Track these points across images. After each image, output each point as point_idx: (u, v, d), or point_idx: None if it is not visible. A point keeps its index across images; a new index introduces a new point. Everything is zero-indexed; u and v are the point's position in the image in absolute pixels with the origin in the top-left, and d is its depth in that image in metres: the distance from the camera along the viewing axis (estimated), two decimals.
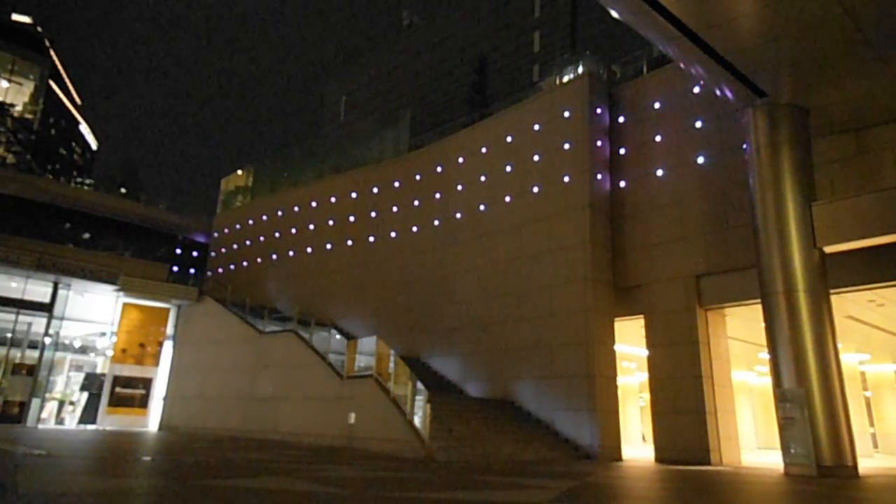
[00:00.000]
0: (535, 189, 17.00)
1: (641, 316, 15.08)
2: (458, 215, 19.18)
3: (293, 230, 25.64)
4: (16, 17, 59.22)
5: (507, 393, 16.19)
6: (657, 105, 15.88)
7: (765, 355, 13.07)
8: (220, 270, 28.71)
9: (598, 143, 16.31)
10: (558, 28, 61.95)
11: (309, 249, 24.63)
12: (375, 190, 22.67)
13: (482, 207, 18.47)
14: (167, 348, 24.59)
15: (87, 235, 29.79)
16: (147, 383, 24.15)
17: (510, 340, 16.52)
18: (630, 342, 17.15)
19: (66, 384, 24.22)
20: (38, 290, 22.65)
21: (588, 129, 16.14)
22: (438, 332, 18.67)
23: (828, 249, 11.20)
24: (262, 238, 27.08)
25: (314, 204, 25.03)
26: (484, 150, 18.98)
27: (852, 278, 11.95)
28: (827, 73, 10.91)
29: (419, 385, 14.05)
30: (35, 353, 22.45)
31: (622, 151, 16.36)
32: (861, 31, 9.69)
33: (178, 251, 32.80)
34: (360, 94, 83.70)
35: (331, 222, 24.04)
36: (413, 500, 5.32)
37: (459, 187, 19.43)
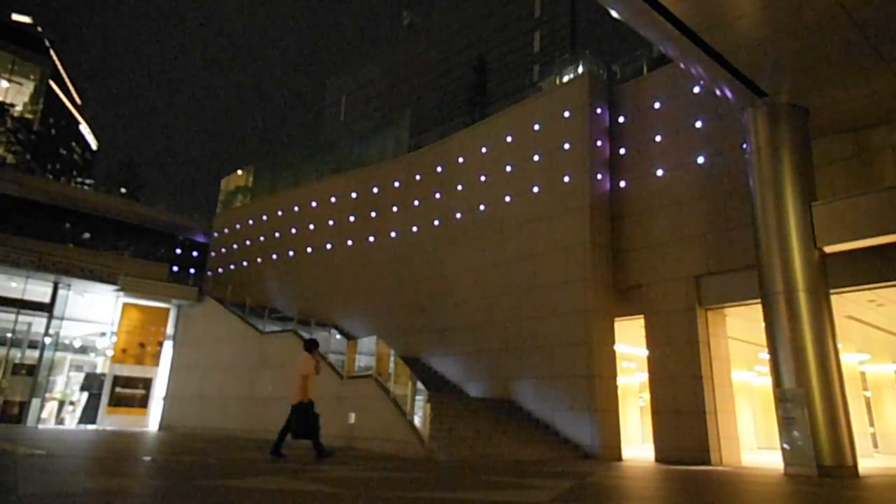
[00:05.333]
0: (536, 189, 17.00)
1: (641, 316, 15.07)
2: (458, 215, 19.18)
3: (293, 230, 25.64)
4: (16, 17, 59.30)
5: (507, 393, 16.19)
6: (657, 105, 15.88)
7: (765, 355, 13.07)
8: (220, 270, 28.71)
9: (598, 143, 16.31)
10: (558, 28, 61.99)
11: (309, 249, 24.63)
12: (375, 190, 22.68)
13: (482, 207, 18.46)
14: (167, 348, 24.61)
15: (87, 235, 29.78)
16: (147, 383, 24.18)
17: (510, 340, 16.52)
18: (630, 342, 17.15)
19: (66, 384, 24.22)
20: (38, 290, 22.67)
21: (588, 129, 16.14)
22: (438, 332, 18.67)
23: (828, 249, 11.19)
24: (262, 238, 27.08)
25: (314, 204, 25.03)
26: (484, 150, 18.98)
27: (852, 278, 11.95)
28: (827, 73, 10.91)
29: (419, 385, 14.04)
30: (35, 353, 22.46)
31: (622, 151, 16.36)
32: (861, 31, 9.70)
33: (178, 251, 32.82)
34: (360, 94, 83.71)
35: (331, 222, 24.04)
36: (413, 500, 5.31)
37: (459, 187, 19.44)
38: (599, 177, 16.07)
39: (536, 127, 17.49)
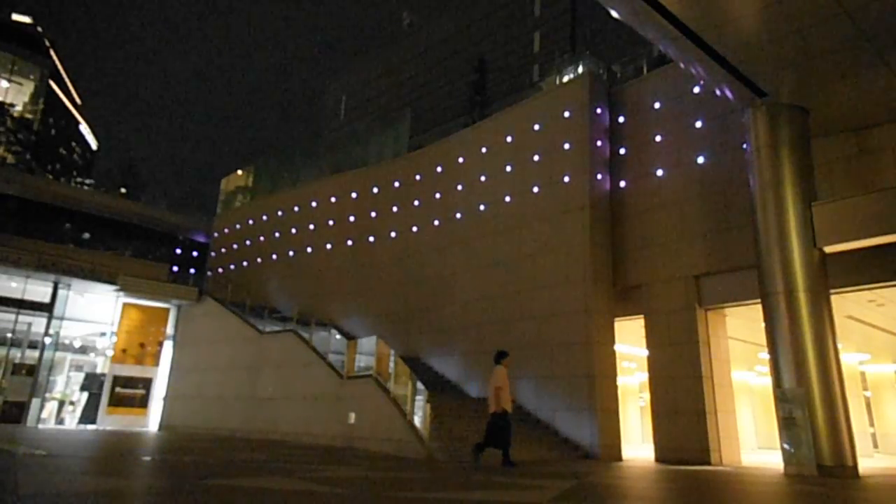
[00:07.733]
0: (535, 189, 17.00)
1: (641, 316, 15.06)
2: (458, 215, 19.17)
3: (293, 230, 25.65)
4: (16, 17, 59.35)
5: None
6: (657, 105, 15.87)
7: (765, 355, 13.07)
8: (220, 270, 28.72)
9: (598, 143, 16.31)
10: (558, 28, 61.97)
11: (309, 249, 24.64)
12: (375, 190, 22.68)
13: (482, 207, 18.46)
14: (167, 348, 24.60)
15: (87, 235, 29.81)
16: (147, 383, 24.18)
17: (510, 340, 16.47)
18: (630, 342, 17.15)
19: (66, 384, 24.23)
20: (38, 290, 22.67)
21: (588, 129, 16.13)
22: (438, 332, 18.66)
23: (828, 249, 11.19)
24: (262, 238, 27.09)
25: (314, 204, 25.03)
26: (484, 150, 18.97)
27: (852, 278, 11.94)
28: (827, 73, 10.90)
29: (419, 385, 14.04)
30: (35, 353, 22.46)
31: (622, 151, 16.36)
32: (861, 31, 9.69)
33: (178, 251, 32.83)
34: (360, 94, 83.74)
35: (331, 222, 24.04)
36: (413, 500, 5.32)
37: (459, 187, 19.43)
38: (599, 177, 16.07)
39: (536, 127, 17.49)
